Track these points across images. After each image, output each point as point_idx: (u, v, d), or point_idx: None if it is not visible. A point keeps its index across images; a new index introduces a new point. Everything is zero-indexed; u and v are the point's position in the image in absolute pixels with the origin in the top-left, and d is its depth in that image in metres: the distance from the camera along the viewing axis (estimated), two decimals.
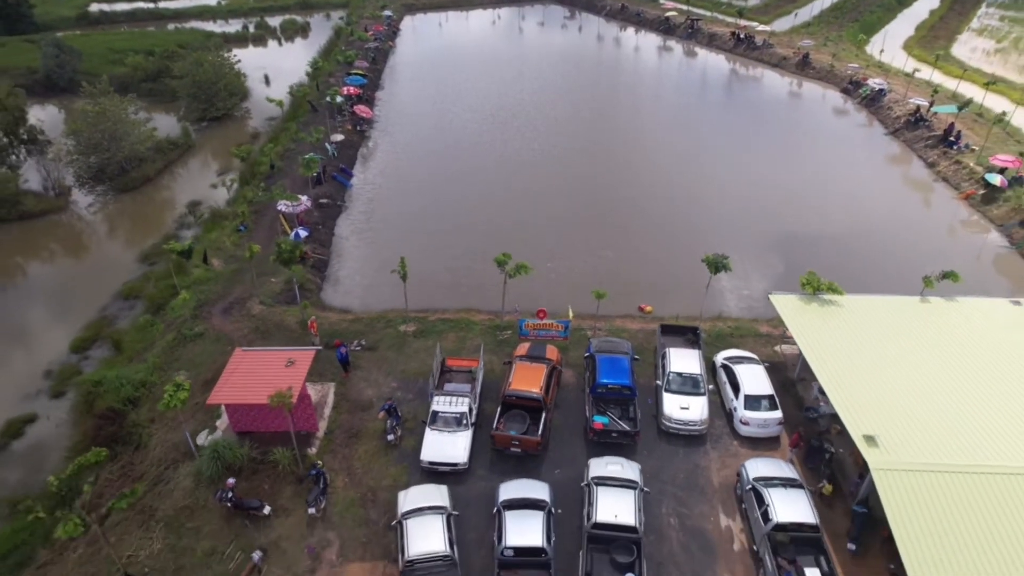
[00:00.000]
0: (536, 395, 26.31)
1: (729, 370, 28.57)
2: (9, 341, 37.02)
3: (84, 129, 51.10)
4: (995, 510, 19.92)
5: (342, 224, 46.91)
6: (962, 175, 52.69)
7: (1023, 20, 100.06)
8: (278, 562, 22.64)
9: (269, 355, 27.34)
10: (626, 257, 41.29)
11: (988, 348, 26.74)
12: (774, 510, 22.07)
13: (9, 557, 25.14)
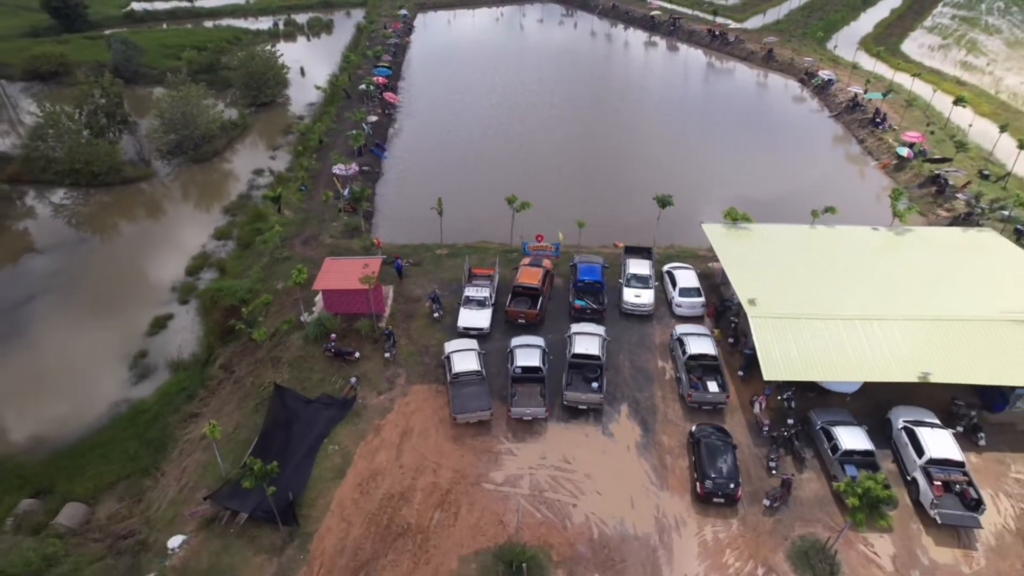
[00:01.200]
0: (536, 286, 38.39)
1: (671, 274, 40.67)
2: (138, 270, 49.00)
3: (168, 111, 62.91)
4: (819, 340, 32.03)
5: (380, 185, 58.94)
6: (883, 148, 64.64)
7: (972, 19, 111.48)
8: (367, 385, 34.68)
9: (350, 261, 39.36)
10: (606, 203, 53.27)
11: (847, 255, 38.83)
12: (689, 347, 34.16)
13: (178, 395, 37.20)
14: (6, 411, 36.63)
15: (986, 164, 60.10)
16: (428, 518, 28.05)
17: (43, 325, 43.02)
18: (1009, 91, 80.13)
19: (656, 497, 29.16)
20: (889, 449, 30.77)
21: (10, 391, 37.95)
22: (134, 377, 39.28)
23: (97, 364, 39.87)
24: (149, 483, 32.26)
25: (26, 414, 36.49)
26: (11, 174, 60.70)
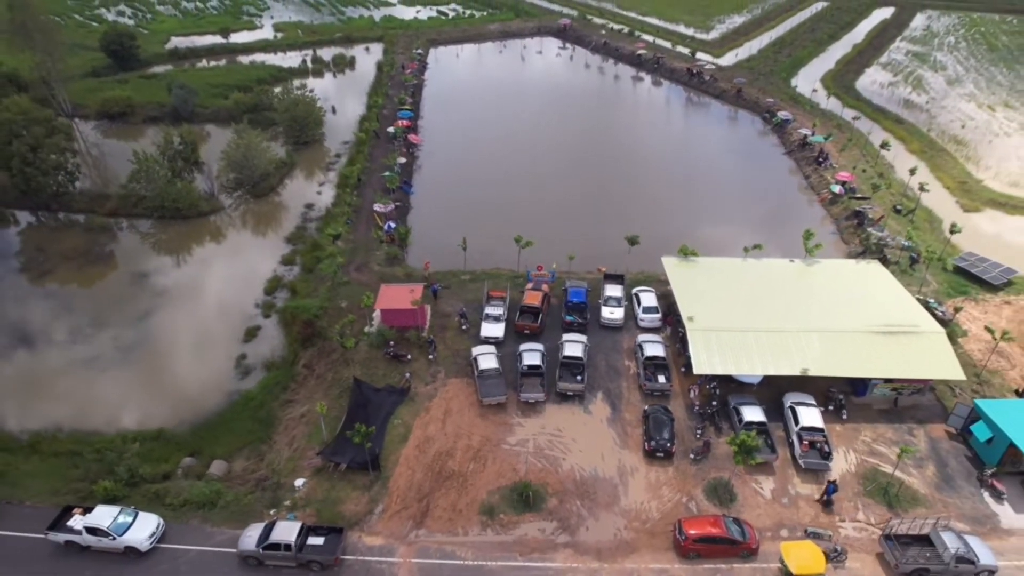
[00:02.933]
0: (537, 306, 52.33)
1: (637, 296, 54.66)
2: (226, 290, 62.81)
3: (233, 154, 76.70)
4: (735, 345, 46.00)
5: (410, 218, 72.89)
6: (823, 184, 78.53)
7: (923, 55, 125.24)
8: (417, 379, 48.57)
9: (400, 287, 53.28)
10: (593, 233, 67.03)
11: (765, 283, 52.80)
12: (645, 351, 48.12)
13: (275, 387, 51.09)
14: (156, 399, 50.43)
15: (900, 199, 74.05)
16: (466, 467, 41.98)
17: (164, 334, 56.97)
18: (938, 128, 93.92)
19: (619, 453, 43.13)
20: (780, 421, 44.69)
21: (154, 384, 51.86)
22: (240, 374, 53.16)
23: (212, 364, 53.75)
24: (265, 448, 46.15)
25: (170, 400, 50.31)
26: (110, 209, 74.65)
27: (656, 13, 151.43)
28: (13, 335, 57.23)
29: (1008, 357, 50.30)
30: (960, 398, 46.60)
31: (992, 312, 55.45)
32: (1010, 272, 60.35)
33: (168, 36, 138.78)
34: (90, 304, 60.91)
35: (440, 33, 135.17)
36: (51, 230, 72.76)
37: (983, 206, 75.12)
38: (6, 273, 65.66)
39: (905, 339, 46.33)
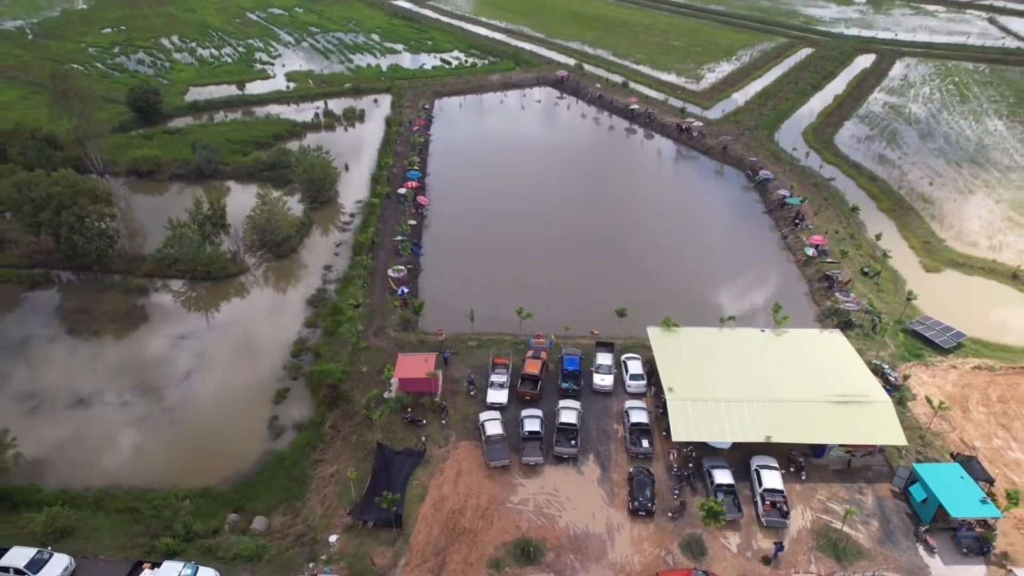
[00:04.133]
0: (536, 375, 59.33)
1: (625, 363, 61.70)
2: (256, 351, 69.80)
3: (258, 218, 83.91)
4: (709, 414, 52.98)
5: (421, 279, 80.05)
6: (798, 246, 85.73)
7: (899, 107, 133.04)
8: (432, 442, 55.51)
9: (415, 357, 60.30)
10: (587, 298, 74.21)
11: (737, 352, 59.88)
12: (631, 418, 55.09)
13: (305, 447, 57.97)
14: (200, 457, 57.27)
15: (868, 261, 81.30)
16: (475, 524, 48.82)
17: (203, 395, 63.91)
18: (908, 186, 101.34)
19: (607, 511, 49.98)
20: (748, 482, 51.58)
21: (197, 443, 58.74)
22: (272, 434, 60.06)
23: (247, 424, 60.62)
24: (299, 504, 52.97)
25: (211, 459, 57.17)
26: (146, 271, 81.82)
27: (650, 61, 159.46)
28: (71, 395, 64.18)
29: (950, 420, 57.24)
30: (905, 460, 53.48)
31: (939, 376, 62.53)
32: (959, 336, 67.45)
33: (187, 87, 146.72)
34: (136, 365, 67.84)
35: (444, 85, 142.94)
36: (94, 291, 79.70)
37: (944, 267, 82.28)
38: (58, 334, 72.74)
39: (856, 408, 53.38)
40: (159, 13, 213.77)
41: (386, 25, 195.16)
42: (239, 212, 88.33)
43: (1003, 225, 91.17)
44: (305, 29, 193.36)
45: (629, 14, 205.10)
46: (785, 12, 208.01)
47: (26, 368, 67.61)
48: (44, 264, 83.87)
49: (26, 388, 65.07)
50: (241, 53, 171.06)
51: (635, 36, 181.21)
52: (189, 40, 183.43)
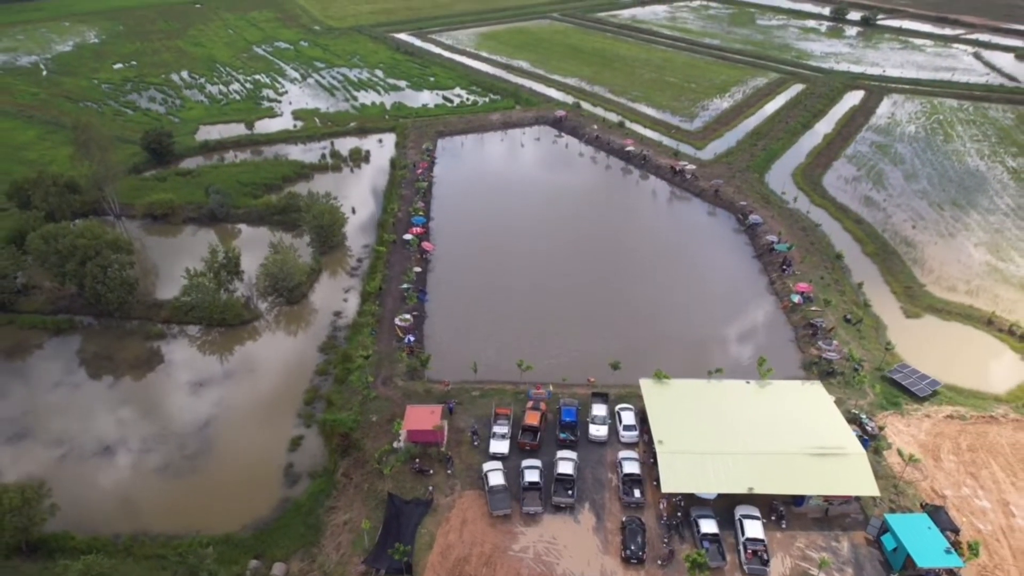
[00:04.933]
0: (536, 426, 63.49)
1: (618, 414, 65.85)
2: (271, 398, 73.90)
3: (271, 267, 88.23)
4: (696, 466, 57.07)
5: (427, 326, 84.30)
6: (785, 291, 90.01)
7: (885, 146, 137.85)
8: (439, 491, 59.56)
9: (423, 408, 64.47)
10: (582, 347, 78.45)
11: (724, 404, 64.04)
12: (624, 469, 59.15)
13: (319, 495, 61.96)
14: (220, 504, 61.25)
15: (851, 307, 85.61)
16: (480, 571, 52.79)
17: (222, 442, 68.00)
18: (892, 229, 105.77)
19: (601, 559, 53.95)
20: (732, 530, 55.59)
21: (217, 490, 62.73)
22: (288, 482, 64.04)
23: (264, 471, 64.61)
24: (315, 551, 56.87)
25: (231, 505, 61.13)
26: (164, 318, 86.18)
27: (645, 99, 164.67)
28: (97, 442, 68.36)
29: (922, 470, 61.30)
30: (879, 508, 57.49)
31: (914, 425, 66.66)
32: (934, 384, 71.61)
33: (197, 125, 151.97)
34: (158, 413, 72.02)
35: (446, 124, 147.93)
36: (116, 337, 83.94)
37: (923, 312, 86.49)
38: (83, 381, 77.02)
39: (833, 460, 57.50)
40: (168, 47, 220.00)
41: (389, 60, 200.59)
42: (251, 256, 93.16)
43: (980, 269, 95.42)
44: (310, 64, 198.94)
45: (626, 48, 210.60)
46: (778, 46, 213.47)
47: (55, 415, 71.81)
48: (67, 310, 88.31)
49: (56, 435, 69.23)
50: (249, 89, 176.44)
51: (631, 72, 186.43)
52: (198, 76, 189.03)
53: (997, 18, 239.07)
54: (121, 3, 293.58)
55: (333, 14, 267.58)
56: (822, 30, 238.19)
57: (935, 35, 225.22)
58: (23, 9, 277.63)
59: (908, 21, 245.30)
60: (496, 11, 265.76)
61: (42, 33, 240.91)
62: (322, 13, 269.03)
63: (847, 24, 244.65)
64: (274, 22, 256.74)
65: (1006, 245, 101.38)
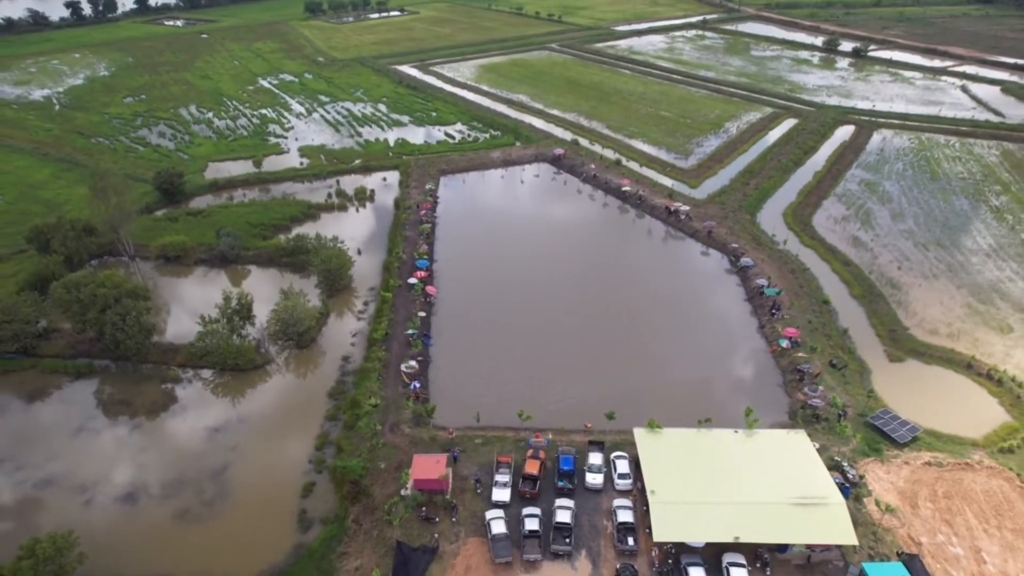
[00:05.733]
0: (536, 475, 67.30)
1: (614, 462, 69.68)
2: (283, 443, 77.66)
3: (282, 313, 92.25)
4: (686, 515, 60.85)
5: (431, 371, 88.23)
6: (774, 336, 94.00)
7: (873, 184, 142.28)
8: (444, 538, 63.28)
9: (428, 457, 68.29)
10: (579, 394, 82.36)
11: (713, 453, 67.87)
12: (618, 517, 62.91)
13: (332, 540, 65.64)
14: (239, 550, 64.89)
15: (837, 352, 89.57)
16: None
17: (238, 488, 71.68)
18: (878, 271, 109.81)
19: None
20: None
21: (234, 535, 66.39)
22: (302, 528, 67.69)
23: (278, 517, 68.25)
24: None
25: (249, 551, 64.78)
26: (179, 362, 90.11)
27: (642, 135, 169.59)
28: (119, 488, 72.10)
29: (899, 517, 65.02)
30: (859, 555, 61.19)
31: (893, 472, 70.44)
32: (915, 430, 75.43)
33: (206, 162, 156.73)
34: (176, 458, 75.79)
35: (448, 163, 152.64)
36: (133, 382, 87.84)
37: (906, 356, 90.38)
38: (104, 426, 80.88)
39: (814, 509, 61.29)
40: (176, 80, 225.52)
41: (392, 94, 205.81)
42: (260, 297, 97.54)
43: (961, 312, 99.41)
44: (315, 98, 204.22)
45: (623, 82, 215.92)
46: (771, 78, 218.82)
47: (79, 460, 75.58)
48: (87, 353, 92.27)
49: (80, 480, 73.01)
50: (255, 124, 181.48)
51: (628, 106, 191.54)
52: (206, 110, 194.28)
53: (984, 49, 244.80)
54: (129, 34, 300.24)
55: (336, 45, 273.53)
56: (815, 61, 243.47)
57: (924, 67, 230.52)
58: (34, 40, 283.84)
59: (899, 52, 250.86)
60: (496, 42, 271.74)
61: (54, 66, 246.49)
62: (326, 44, 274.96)
63: (839, 55, 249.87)
64: (279, 53, 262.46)
65: (987, 287, 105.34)
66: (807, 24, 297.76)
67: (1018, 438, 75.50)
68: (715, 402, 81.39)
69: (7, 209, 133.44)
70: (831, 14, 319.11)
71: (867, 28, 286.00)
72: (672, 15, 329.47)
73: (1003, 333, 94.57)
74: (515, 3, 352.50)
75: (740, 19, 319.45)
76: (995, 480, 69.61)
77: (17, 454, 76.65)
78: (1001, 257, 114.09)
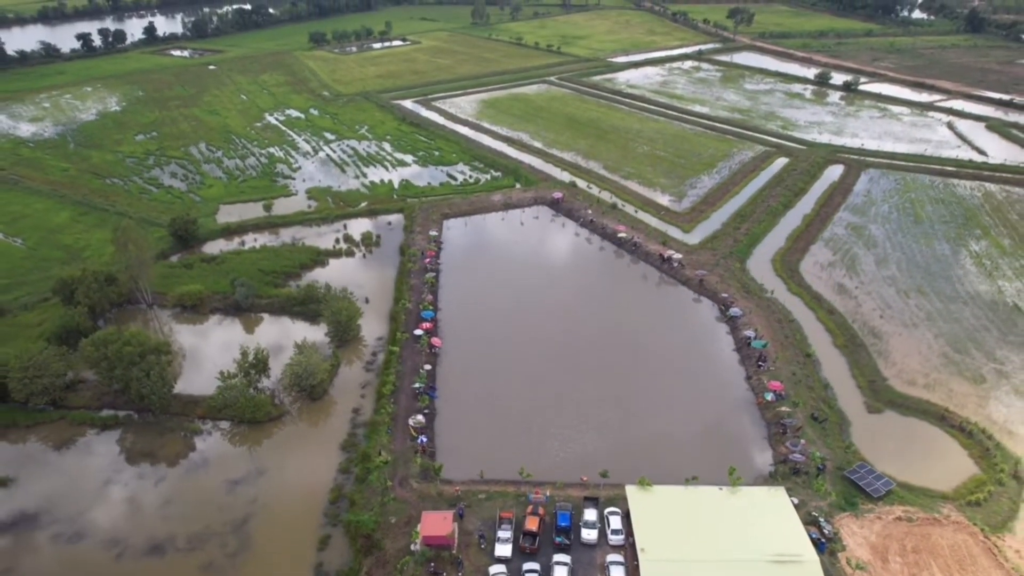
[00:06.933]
0: (535, 531, 72.92)
1: (607, 517, 75.31)
2: (299, 496, 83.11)
3: (296, 367, 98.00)
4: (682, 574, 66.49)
5: (437, 424, 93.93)
6: (760, 388, 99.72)
7: (860, 227, 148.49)
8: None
9: (436, 514, 73.89)
10: (575, 449, 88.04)
11: (698, 509, 73.50)
12: (611, 573, 68.48)
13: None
14: None
15: (819, 405, 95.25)
16: None
17: (260, 541, 77.19)
18: (861, 320, 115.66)
19: None
20: None
21: None
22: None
23: (297, 572, 73.80)
24: None
25: None
26: (200, 414, 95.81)
27: (638, 176, 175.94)
28: (147, 540, 77.63)
29: (871, 572, 70.57)
30: None
31: (867, 527, 76.01)
32: (888, 484, 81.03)
33: (218, 205, 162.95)
34: (200, 511, 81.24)
35: (451, 206, 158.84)
36: (157, 433, 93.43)
37: (884, 407, 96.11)
38: (131, 479, 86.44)
39: (790, 566, 66.99)
40: (186, 116, 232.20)
41: (395, 131, 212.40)
42: (273, 345, 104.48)
43: (938, 362, 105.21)
44: (321, 136, 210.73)
45: (620, 118, 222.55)
46: (764, 114, 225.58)
47: (109, 513, 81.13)
48: (112, 405, 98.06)
49: (111, 535, 78.56)
50: (264, 164, 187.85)
51: (625, 145, 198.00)
52: (215, 148, 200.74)
53: (971, 83, 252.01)
54: (139, 65, 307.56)
55: (340, 78, 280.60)
56: (807, 95, 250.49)
57: (912, 102, 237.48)
58: (47, 73, 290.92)
59: (888, 85, 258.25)
60: (496, 74, 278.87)
61: (66, 100, 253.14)
62: (330, 77, 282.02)
63: (830, 88, 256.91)
64: (285, 87, 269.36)
65: (963, 336, 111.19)
66: (800, 55, 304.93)
67: (985, 491, 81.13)
68: (703, 455, 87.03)
69: (30, 255, 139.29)
70: (823, 44, 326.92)
71: (858, 59, 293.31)
72: (669, 44, 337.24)
73: (976, 384, 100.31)
74: (514, 32, 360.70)
75: (735, 49, 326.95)
76: (960, 535, 75.14)
77: (53, 507, 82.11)
78: (977, 304, 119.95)
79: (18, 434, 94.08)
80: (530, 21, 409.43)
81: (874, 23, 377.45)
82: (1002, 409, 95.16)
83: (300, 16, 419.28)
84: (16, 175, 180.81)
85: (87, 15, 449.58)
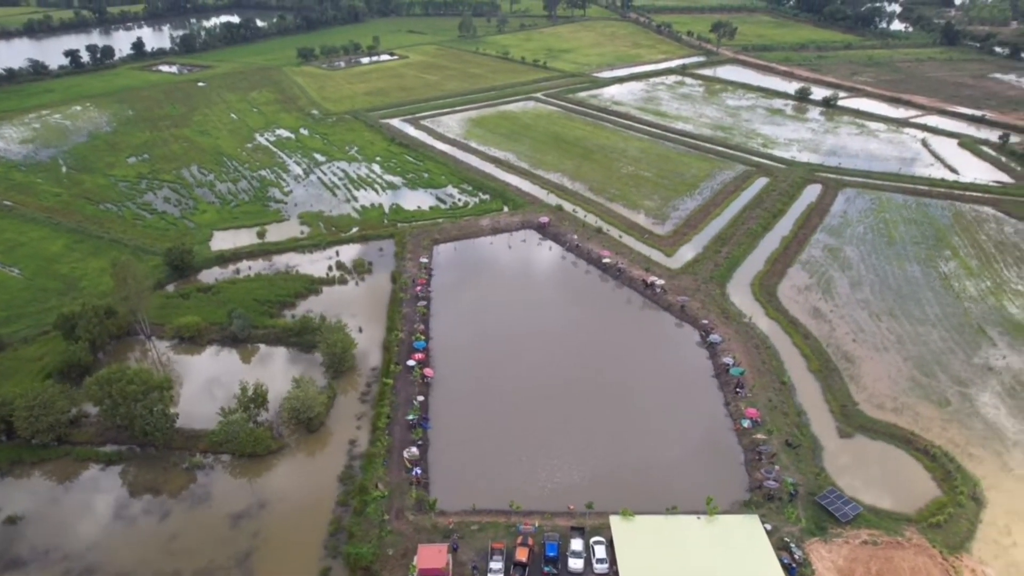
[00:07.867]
0: (524, 562, 77.47)
1: (593, 547, 79.96)
2: (298, 529, 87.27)
3: (294, 401, 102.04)
4: None
5: (430, 454, 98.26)
6: (738, 414, 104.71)
7: (835, 249, 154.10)
8: None
9: (432, 547, 78.27)
10: (560, 480, 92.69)
11: (677, 539, 78.31)
12: None
13: None
14: None
15: (793, 431, 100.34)
16: None
17: (264, 575, 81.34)
18: (835, 344, 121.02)
19: None
20: None
21: None
22: None
23: None
24: None
25: None
26: (202, 448, 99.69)
27: (622, 197, 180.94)
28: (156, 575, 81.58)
29: None
30: None
31: (835, 551, 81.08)
32: (856, 509, 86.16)
33: (211, 231, 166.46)
34: (204, 545, 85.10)
35: (441, 232, 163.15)
36: (161, 469, 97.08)
37: (855, 431, 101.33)
38: (137, 514, 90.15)
39: None
40: (177, 137, 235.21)
41: (385, 152, 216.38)
42: (270, 377, 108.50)
43: (906, 385, 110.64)
44: (311, 157, 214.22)
45: (605, 137, 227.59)
46: (745, 132, 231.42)
47: (117, 551, 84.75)
48: (115, 440, 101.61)
49: (120, 570, 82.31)
50: (256, 188, 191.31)
51: (609, 165, 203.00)
52: (207, 171, 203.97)
53: (945, 98, 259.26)
54: (127, 82, 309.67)
55: (329, 95, 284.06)
56: (788, 111, 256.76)
57: (889, 118, 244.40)
58: (36, 91, 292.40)
59: (866, 100, 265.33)
60: (483, 90, 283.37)
61: (56, 120, 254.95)
62: (319, 94, 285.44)
63: (811, 104, 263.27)
64: (274, 105, 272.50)
65: (930, 359, 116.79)
66: (782, 69, 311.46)
67: (946, 512, 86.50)
68: (684, 483, 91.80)
69: (27, 286, 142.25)
70: (804, 57, 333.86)
71: (838, 73, 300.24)
72: (653, 58, 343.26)
73: (941, 407, 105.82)
74: (501, 46, 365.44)
75: (718, 62, 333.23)
76: (920, 557, 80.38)
77: (62, 543, 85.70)
78: (944, 327, 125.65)
79: (24, 470, 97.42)
80: (516, 33, 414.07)
81: (853, 35, 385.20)
82: (964, 431, 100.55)
83: (288, 29, 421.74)
84: (10, 201, 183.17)
85: (74, 28, 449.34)
